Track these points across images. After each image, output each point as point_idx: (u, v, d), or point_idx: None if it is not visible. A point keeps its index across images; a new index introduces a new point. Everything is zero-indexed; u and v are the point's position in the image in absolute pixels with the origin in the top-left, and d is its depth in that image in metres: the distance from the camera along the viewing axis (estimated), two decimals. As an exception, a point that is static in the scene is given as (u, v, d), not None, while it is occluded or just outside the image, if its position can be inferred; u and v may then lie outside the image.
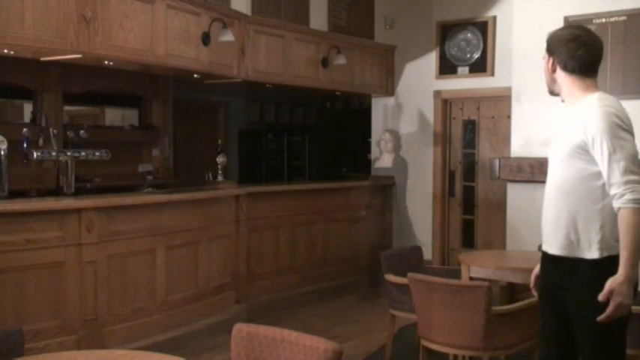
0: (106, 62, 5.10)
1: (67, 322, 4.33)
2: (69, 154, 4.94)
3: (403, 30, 7.72)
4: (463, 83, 7.27)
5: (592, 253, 2.44)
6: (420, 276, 3.83)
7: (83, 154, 5.02)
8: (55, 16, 4.33)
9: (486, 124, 7.31)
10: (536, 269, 2.79)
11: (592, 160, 2.44)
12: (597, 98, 2.50)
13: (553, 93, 2.69)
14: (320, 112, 10.78)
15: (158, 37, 5.06)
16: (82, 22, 4.47)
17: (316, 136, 10.39)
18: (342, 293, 6.50)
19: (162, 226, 4.98)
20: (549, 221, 2.57)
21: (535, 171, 5.88)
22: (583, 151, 2.44)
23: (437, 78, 7.42)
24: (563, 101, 2.69)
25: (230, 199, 5.84)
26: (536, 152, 5.92)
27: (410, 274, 3.82)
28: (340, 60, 6.98)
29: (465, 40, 7.22)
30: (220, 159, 6.22)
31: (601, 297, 2.34)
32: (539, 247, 2.71)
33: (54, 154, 5.02)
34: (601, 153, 2.39)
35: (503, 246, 6.46)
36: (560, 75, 2.60)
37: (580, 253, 2.46)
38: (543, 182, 2.70)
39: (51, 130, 5.58)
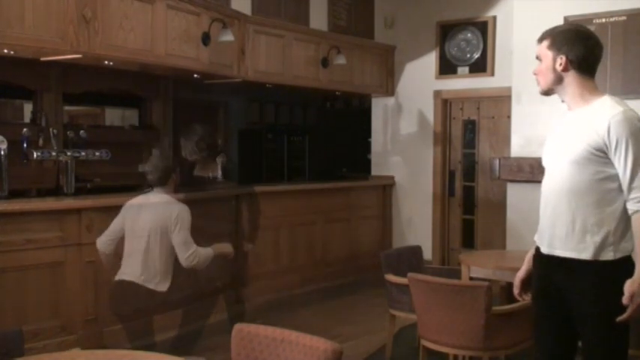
0: (106, 62, 5.10)
1: (67, 322, 4.34)
2: (69, 154, 4.94)
3: (403, 30, 7.72)
4: (463, 83, 7.27)
5: (606, 254, 2.44)
6: (420, 276, 3.83)
7: (83, 154, 5.01)
8: (55, 16, 4.33)
9: (486, 124, 7.31)
10: (521, 274, 2.79)
11: (609, 163, 2.43)
12: (615, 101, 2.49)
13: (549, 93, 2.64)
14: (320, 112, 10.77)
15: (158, 37, 5.06)
16: (82, 22, 4.47)
17: (316, 136, 10.38)
18: (342, 293, 6.50)
19: (162, 226, 4.97)
20: (559, 224, 2.53)
21: (535, 171, 5.88)
22: (601, 154, 2.42)
23: (437, 78, 7.42)
24: (563, 101, 2.67)
25: (230, 199, 5.84)
26: (536, 152, 5.91)
27: (410, 274, 3.82)
28: (340, 60, 6.98)
29: (465, 40, 7.23)
30: (220, 159, 6.22)
31: (625, 300, 2.35)
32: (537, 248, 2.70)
33: (54, 154, 5.02)
34: (625, 157, 2.38)
35: (503, 246, 6.46)
36: (571, 75, 2.53)
37: (595, 255, 2.45)
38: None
39: (51, 130, 5.57)
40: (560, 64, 2.52)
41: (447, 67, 7.35)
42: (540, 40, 2.61)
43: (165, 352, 2.38)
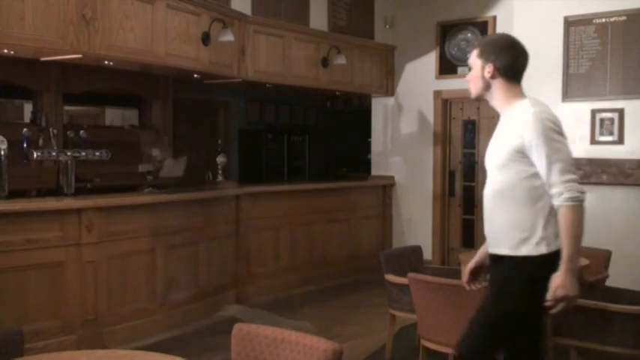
0: (106, 62, 5.10)
1: (67, 322, 4.34)
2: (69, 154, 4.94)
3: (403, 30, 7.72)
4: (463, 83, 7.24)
5: (540, 249, 2.54)
6: (420, 276, 3.83)
7: (83, 154, 5.01)
8: (55, 16, 4.34)
9: (486, 124, 7.31)
10: (470, 265, 2.95)
11: (531, 162, 2.54)
12: (530, 104, 2.61)
13: (480, 99, 2.78)
14: (320, 112, 10.77)
15: (158, 37, 5.06)
16: (82, 22, 4.47)
17: (316, 136, 10.38)
18: (342, 293, 6.50)
19: (162, 226, 4.98)
20: (494, 224, 2.68)
21: (535, 171, 5.88)
22: (522, 154, 2.54)
23: (437, 78, 7.42)
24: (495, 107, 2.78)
25: (230, 199, 5.84)
26: (536, 152, 5.92)
27: (410, 274, 3.82)
28: (340, 60, 6.98)
29: (465, 40, 7.23)
30: (220, 159, 6.22)
31: (549, 297, 2.46)
32: None
33: (54, 154, 5.02)
34: (539, 156, 2.49)
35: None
36: (498, 81, 2.67)
37: (528, 250, 2.55)
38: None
39: (51, 130, 5.57)
40: (488, 72, 2.67)
41: (447, 67, 7.35)
42: (472, 49, 2.77)
43: (165, 352, 2.38)
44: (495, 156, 2.65)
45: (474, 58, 2.72)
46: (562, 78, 5.90)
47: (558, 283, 2.45)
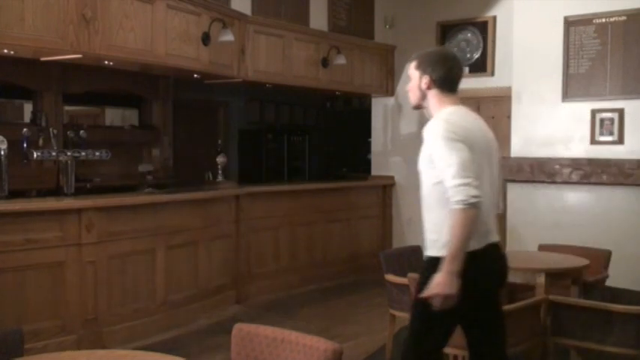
0: (106, 62, 5.10)
1: (67, 322, 4.34)
2: (69, 154, 4.94)
3: (403, 30, 7.72)
4: (463, 83, 7.17)
5: (444, 251, 2.60)
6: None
7: (83, 154, 5.02)
8: (55, 16, 4.34)
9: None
10: None
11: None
12: (442, 112, 2.74)
13: (419, 108, 2.91)
14: (320, 112, 10.78)
15: (158, 37, 5.06)
16: (82, 22, 4.47)
17: (316, 136, 10.39)
18: (342, 293, 6.50)
19: (162, 226, 4.98)
20: (425, 228, 2.79)
21: (535, 171, 5.88)
22: (430, 161, 2.66)
23: (437, 78, 7.41)
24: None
25: (230, 199, 5.84)
26: (536, 152, 5.92)
27: (410, 274, 3.82)
28: (340, 60, 6.98)
29: (465, 40, 7.23)
30: (220, 159, 6.22)
31: (425, 293, 2.56)
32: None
33: (54, 154, 5.03)
34: (437, 162, 2.61)
35: (504, 246, 6.45)
36: (433, 92, 2.80)
37: (434, 252, 2.67)
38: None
39: (51, 130, 5.58)
40: (425, 83, 2.80)
41: (447, 67, 7.33)
42: (410, 61, 2.88)
43: (165, 352, 2.38)
44: (419, 162, 2.78)
45: (413, 70, 2.84)
46: (562, 78, 5.90)
47: (435, 280, 2.54)
